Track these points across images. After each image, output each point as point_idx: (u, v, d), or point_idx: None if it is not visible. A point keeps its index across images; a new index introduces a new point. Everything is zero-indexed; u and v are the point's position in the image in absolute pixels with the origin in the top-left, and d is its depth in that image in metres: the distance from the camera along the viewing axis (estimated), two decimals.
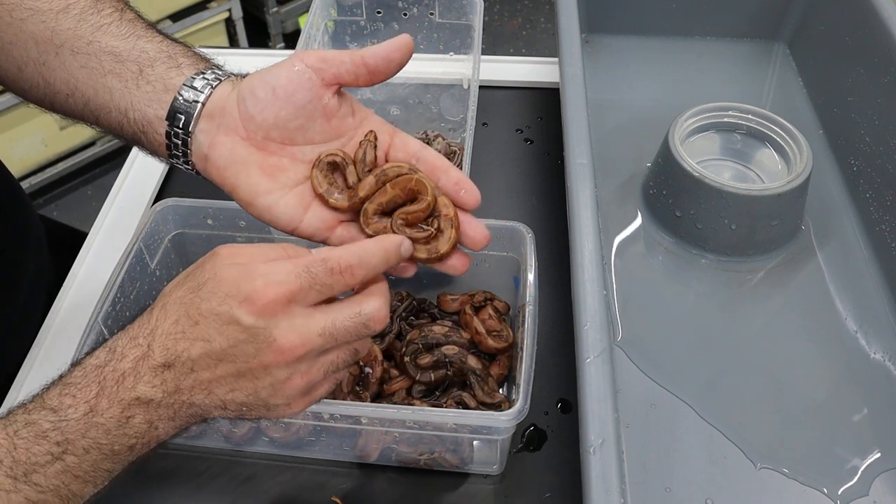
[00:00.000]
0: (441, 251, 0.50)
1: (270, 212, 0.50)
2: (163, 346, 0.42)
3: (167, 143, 0.51)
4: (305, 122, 0.50)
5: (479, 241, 0.51)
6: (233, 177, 0.50)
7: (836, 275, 0.75)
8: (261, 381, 0.43)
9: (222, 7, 2.11)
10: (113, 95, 0.52)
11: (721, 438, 0.64)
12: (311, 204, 0.51)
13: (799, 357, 0.70)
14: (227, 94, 0.50)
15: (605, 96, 0.93)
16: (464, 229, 0.51)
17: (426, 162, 0.51)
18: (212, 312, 0.42)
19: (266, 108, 0.49)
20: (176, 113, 0.50)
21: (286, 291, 0.41)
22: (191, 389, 0.43)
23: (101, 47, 0.52)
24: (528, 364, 0.56)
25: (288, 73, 0.49)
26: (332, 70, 0.49)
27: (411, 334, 0.65)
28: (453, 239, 0.50)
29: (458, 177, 0.51)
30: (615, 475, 0.48)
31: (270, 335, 0.42)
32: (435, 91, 0.95)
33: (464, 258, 0.51)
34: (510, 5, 2.73)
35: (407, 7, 0.91)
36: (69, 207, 2.06)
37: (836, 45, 0.88)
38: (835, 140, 0.87)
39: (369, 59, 0.49)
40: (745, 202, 0.72)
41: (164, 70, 0.51)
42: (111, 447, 0.42)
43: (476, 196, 0.51)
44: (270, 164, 0.50)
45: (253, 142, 0.50)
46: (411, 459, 0.62)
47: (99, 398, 0.42)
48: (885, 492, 0.60)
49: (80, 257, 0.78)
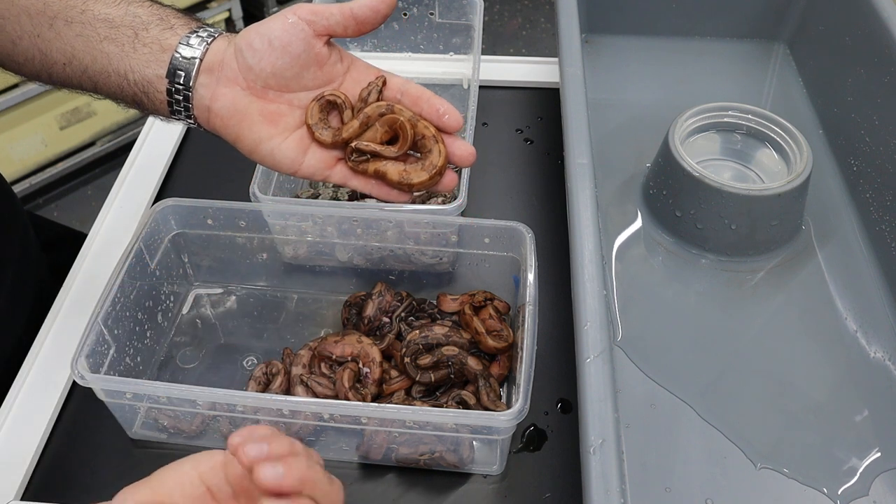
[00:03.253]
0: (438, 164, 0.53)
1: (273, 156, 0.54)
2: None
3: (168, 101, 0.54)
4: (300, 71, 0.53)
5: (466, 156, 0.54)
6: (236, 126, 0.53)
7: (836, 275, 0.75)
8: None
9: (222, 7, 2.11)
10: (111, 60, 0.54)
11: (721, 438, 0.64)
12: (310, 146, 0.54)
13: (799, 357, 0.70)
14: (223, 48, 0.53)
15: (605, 96, 0.93)
16: (451, 149, 0.54)
17: (409, 94, 0.55)
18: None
19: (263, 58, 0.52)
20: (176, 70, 0.53)
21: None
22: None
23: (94, 15, 0.54)
24: (528, 364, 0.56)
25: (283, 24, 0.52)
26: (324, 22, 0.52)
27: (411, 335, 0.65)
28: (444, 151, 0.54)
29: (440, 103, 0.54)
30: (615, 475, 0.48)
31: None
32: (435, 91, 0.94)
33: (452, 174, 0.55)
34: (510, 5, 2.73)
35: (407, 7, 0.91)
36: (69, 207, 2.06)
37: (836, 45, 0.88)
38: (835, 140, 0.87)
39: (357, 11, 0.52)
40: (745, 202, 0.72)
41: (158, 32, 0.54)
42: None
43: (458, 118, 0.54)
44: (270, 110, 0.54)
45: (253, 91, 0.53)
46: (411, 459, 0.62)
47: None
48: (885, 492, 0.60)
49: (80, 257, 0.77)
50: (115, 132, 2.07)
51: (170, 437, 0.64)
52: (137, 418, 0.63)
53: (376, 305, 0.69)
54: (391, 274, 0.73)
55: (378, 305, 0.69)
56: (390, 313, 0.69)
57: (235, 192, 0.74)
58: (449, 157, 0.54)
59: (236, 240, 0.71)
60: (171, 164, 0.88)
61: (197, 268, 0.74)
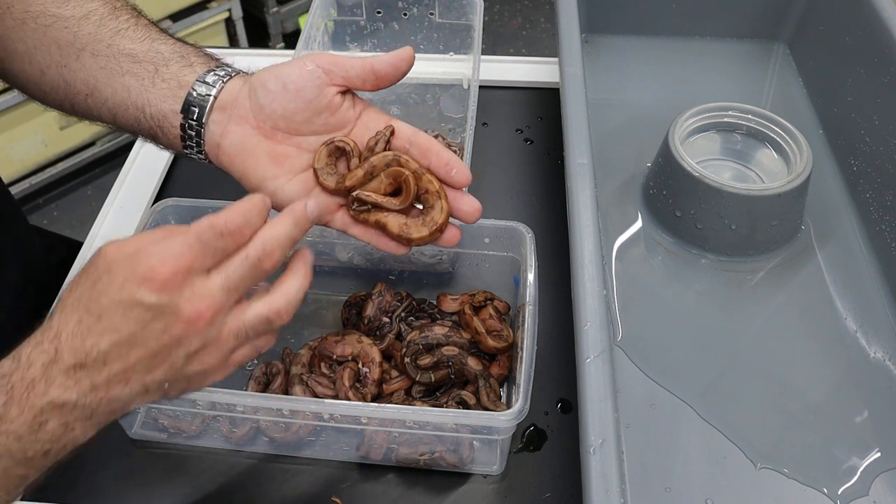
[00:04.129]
0: (439, 221, 0.52)
1: (276, 196, 0.54)
2: (70, 347, 0.42)
3: (182, 135, 0.55)
4: (311, 116, 0.53)
5: (472, 213, 0.54)
6: (242, 163, 0.54)
7: (836, 275, 0.75)
8: (174, 354, 0.43)
9: (222, 7, 2.11)
10: (130, 93, 0.55)
11: (721, 438, 0.64)
12: (314, 190, 0.54)
13: (799, 357, 0.69)
14: (238, 87, 0.54)
15: (605, 96, 0.93)
16: (456, 204, 0.53)
17: (418, 145, 0.54)
18: (113, 302, 0.41)
19: (276, 100, 0.52)
20: (190, 106, 0.54)
21: (184, 263, 0.42)
22: (107, 384, 0.42)
23: (119, 50, 0.55)
24: (528, 364, 0.56)
25: (300, 70, 0.52)
26: (342, 73, 0.52)
27: (411, 335, 0.65)
28: (446, 208, 0.52)
29: (449, 157, 0.53)
30: (615, 475, 0.48)
31: (176, 307, 0.42)
32: (435, 91, 0.95)
33: (455, 231, 0.54)
34: (510, 5, 2.73)
35: (407, 7, 0.91)
36: (69, 207, 2.06)
37: (836, 45, 0.88)
38: (835, 140, 0.87)
39: (378, 66, 0.52)
40: (745, 202, 0.72)
41: (177, 69, 0.55)
42: (24, 453, 0.42)
43: (466, 174, 0.53)
44: (277, 151, 0.54)
45: (262, 130, 0.53)
46: (411, 459, 0.62)
47: (7, 406, 0.41)
48: (885, 492, 0.60)
49: (80, 257, 0.77)
50: (115, 132, 2.07)
51: (170, 437, 0.64)
52: (137, 418, 0.63)
53: (376, 305, 0.69)
54: (391, 274, 0.73)
55: (378, 305, 0.69)
56: (390, 313, 0.69)
57: (235, 192, 0.73)
58: (455, 213, 0.53)
59: None
60: (171, 164, 0.88)
61: None
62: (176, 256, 0.42)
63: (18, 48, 0.57)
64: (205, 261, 0.43)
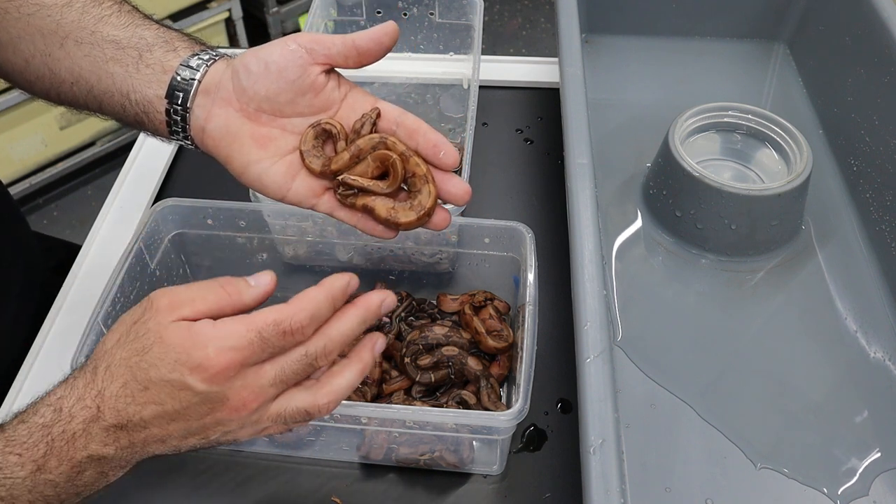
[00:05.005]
0: (427, 205, 0.51)
1: (261, 180, 0.53)
2: (113, 408, 0.42)
3: (167, 121, 0.54)
4: (295, 97, 0.52)
5: (461, 195, 0.52)
6: (227, 147, 0.53)
7: (836, 275, 0.75)
8: (213, 430, 0.44)
9: (222, 7, 2.11)
10: (115, 80, 0.54)
11: (721, 438, 0.64)
12: (299, 173, 0.53)
13: (799, 357, 0.69)
14: (221, 70, 0.53)
15: (605, 96, 0.93)
16: (445, 187, 0.52)
17: (405, 127, 0.53)
18: (162, 379, 0.42)
19: (258, 82, 0.51)
20: (174, 91, 0.53)
21: (239, 358, 0.42)
22: (144, 443, 0.44)
23: (102, 37, 0.55)
24: (528, 364, 0.56)
25: (281, 50, 0.51)
26: (324, 51, 0.51)
27: (411, 335, 0.65)
28: (433, 192, 0.51)
29: (437, 139, 0.52)
30: (615, 475, 0.48)
31: (224, 396, 0.42)
32: (435, 91, 0.95)
33: (445, 213, 0.53)
34: (510, 5, 2.73)
35: (407, 7, 0.91)
36: (69, 207, 2.06)
37: (836, 45, 0.88)
38: (835, 140, 0.87)
39: (360, 42, 0.51)
40: (745, 202, 0.72)
41: (161, 54, 0.54)
42: (58, 498, 0.43)
43: (454, 155, 0.52)
44: (261, 134, 0.53)
45: (245, 113, 0.52)
46: (411, 459, 0.62)
47: (48, 458, 0.42)
48: (885, 492, 0.60)
49: (80, 257, 0.77)
50: (115, 132, 2.07)
51: None
52: None
53: None
54: (391, 274, 0.73)
55: None
56: (390, 313, 0.69)
57: (235, 192, 0.73)
58: (443, 196, 0.52)
59: (236, 240, 0.71)
60: (171, 164, 0.88)
61: (197, 268, 0.74)
62: (233, 350, 0.41)
63: (2, 37, 0.56)
64: (262, 356, 0.43)
